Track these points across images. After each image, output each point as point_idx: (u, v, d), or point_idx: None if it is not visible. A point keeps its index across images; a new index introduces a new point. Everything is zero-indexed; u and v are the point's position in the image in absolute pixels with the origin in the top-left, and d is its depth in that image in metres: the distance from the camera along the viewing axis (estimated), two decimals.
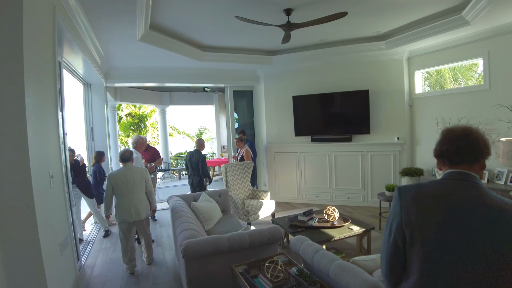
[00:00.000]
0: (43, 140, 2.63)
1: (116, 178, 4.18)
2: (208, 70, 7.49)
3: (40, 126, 2.60)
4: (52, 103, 3.05)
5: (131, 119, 15.73)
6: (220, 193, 5.11)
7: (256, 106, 8.55)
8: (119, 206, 4.18)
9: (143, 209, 4.29)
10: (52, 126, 2.97)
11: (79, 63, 4.75)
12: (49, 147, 2.79)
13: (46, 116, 2.80)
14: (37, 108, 2.53)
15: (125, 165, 4.30)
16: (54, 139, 2.99)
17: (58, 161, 3.02)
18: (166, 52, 5.66)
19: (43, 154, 2.59)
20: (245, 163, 6.27)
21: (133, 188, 4.20)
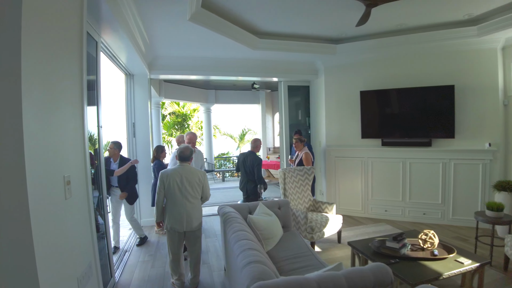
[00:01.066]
0: (52, 136, 1.87)
1: (170, 177, 3.54)
2: (261, 61, 6.64)
3: (49, 118, 1.85)
4: (75, 89, 2.31)
5: (174, 117, 15.41)
6: (280, 204, 4.18)
7: (313, 103, 7.53)
8: (169, 212, 3.56)
9: (196, 218, 3.62)
10: (72, 119, 2.23)
11: (121, 47, 4.06)
12: (64, 145, 2.03)
13: (61, 107, 2.05)
14: (44, 96, 1.78)
15: (182, 165, 3.64)
16: (75, 135, 2.25)
17: (80, 161, 2.27)
18: (218, 37, 4.88)
19: (53, 153, 1.84)
20: (305, 169, 5.29)
21: (188, 192, 3.55)
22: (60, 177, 1.90)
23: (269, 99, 12.30)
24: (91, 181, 2.47)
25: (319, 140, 7.24)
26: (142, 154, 5.91)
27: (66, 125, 2.06)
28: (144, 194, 5.98)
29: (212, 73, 6.53)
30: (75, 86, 2.26)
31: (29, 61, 1.51)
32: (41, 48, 1.71)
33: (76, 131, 2.22)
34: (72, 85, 2.21)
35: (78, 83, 2.31)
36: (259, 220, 3.59)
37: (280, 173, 5.10)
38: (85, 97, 2.42)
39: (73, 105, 2.21)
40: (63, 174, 1.91)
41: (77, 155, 2.19)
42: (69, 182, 1.95)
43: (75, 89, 2.26)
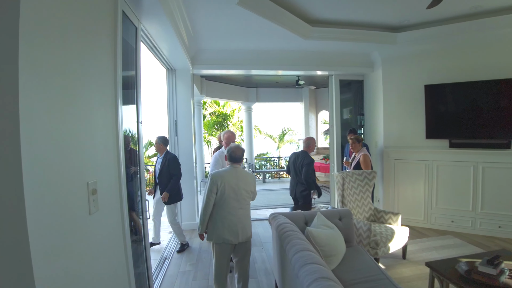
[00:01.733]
0: (71, 135, 1.40)
1: (225, 180, 3.03)
2: (310, 53, 6.05)
3: (68, 115, 1.39)
4: (105, 80, 1.88)
5: (214, 117, 15.22)
6: (340, 214, 3.58)
7: (368, 99, 6.80)
8: (220, 221, 3.03)
9: (249, 226, 3.18)
10: (102, 115, 1.79)
11: (163, 37, 3.67)
12: (89, 145, 1.57)
13: (85, 102, 1.59)
14: (59, 89, 1.33)
15: (234, 167, 3.16)
16: (104, 133, 1.81)
17: (111, 164, 1.84)
18: (267, 25, 4.40)
19: (73, 155, 1.38)
20: (365, 173, 4.64)
21: (243, 198, 3.09)
22: (82, 184, 1.42)
23: (312, 96, 11.65)
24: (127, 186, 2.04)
25: (375, 141, 6.51)
26: (185, 154, 5.57)
27: (93, 122, 1.63)
28: (187, 195, 5.63)
29: (257, 67, 6.02)
30: (106, 76, 1.85)
31: (35, 46, 1.09)
32: (56, 29, 1.30)
33: (107, 129, 1.80)
34: (102, 74, 1.80)
35: (108, 72, 1.89)
36: (319, 234, 3.03)
37: (338, 177, 4.49)
38: (119, 88, 2.00)
39: (103, 99, 1.79)
40: (86, 181, 1.44)
41: (108, 156, 1.76)
42: (94, 191, 1.50)
43: (106, 79, 1.85)
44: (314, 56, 6.12)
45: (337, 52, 6.17)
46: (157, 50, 4.13)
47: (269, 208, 7.30)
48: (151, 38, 3.64)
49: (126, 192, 1.93)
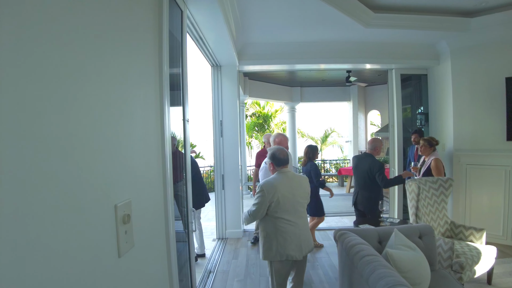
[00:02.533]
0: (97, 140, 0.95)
1: (278, 192, 2.59)
2: (368, 45, 5.43)
3: (99, 116, 0.94)
4: (146, 73, 1.43)
5: (255, 119, 14.88)
6: (421, 231, 2.97)
7: (433, 96, 6.00)
8: (282, 236, 2.62)
9: (311, 237, 2.81)
10: (141, 119, 1.31)
11: (211, 25, 3.27)
12: (116, 149, 1.07)
13: (122, 100, 1.12)
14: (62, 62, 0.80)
15: (284, 172, 2.74)
16: (144, 133, 1.33)
17: (155, 175, 1.38)
18: (326, 10, 3.91)
19: (83, 162, 0.87)
20: (440, 181, 3.94)
21: (301, 206, 2.74)
22: (107, 207, 0.94)
23: (361, 95, 10.85)
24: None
25: (442, 143, 5.70)
26: (230, 156, 5.19)
27: (126, 125, 1.15)
28: (231, 201, 5.25)
29: (308, 61, 5.48)
30: (147, 73, 1.41)
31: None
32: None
33: (147, 133, 1.34)
34: (142, 71, 1.36)
35: (150, 67, 1.46)
36: (401, 256, 2.46)
37: (413, 185, 3.84)
38: (165, 87, 1.56)
39: (144, 100, 1.35)
40: (114, 203, 0.97)
41: (148, 166, 1.29)
42: (127, 218, 1.00)
43: (147, 77, 1.41)
44: (372, 48, 5.49)
45: (398, 43, 5.49)
46: (203, 42, 3.76)
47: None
48: (197, 26, 3.26)
49: (173, 215, 1.48)
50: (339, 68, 6.83)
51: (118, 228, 0.99)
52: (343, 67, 6.60)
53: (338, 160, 14.19)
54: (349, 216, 6.85)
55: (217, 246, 4.94)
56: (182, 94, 2.52)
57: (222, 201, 5.25)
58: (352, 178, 9.44)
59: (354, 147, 11.02)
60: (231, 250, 4.73)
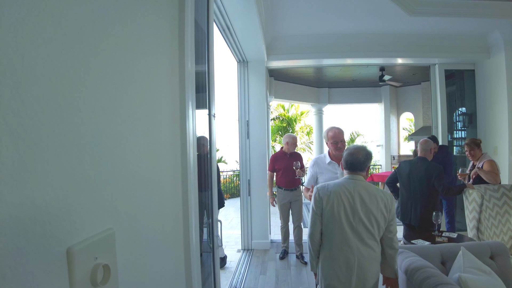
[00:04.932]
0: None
1: (334, 198, 2.03)
2: (410, 36, 4.95)
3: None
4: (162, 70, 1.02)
5: (279, 122, 14.47)
6: (492, 251, 2.45)
7: (481, 94, 5.37)
8: (328, 260, 2.05)
9: (372, 274, 2.00)
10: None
11: (240, 8, 2.88)
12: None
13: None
14: None
15: (352, 177, 2.11)
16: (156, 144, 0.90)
17: (172, 187, 0.94)
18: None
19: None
20: (503, 188, 3.37)
21: (364, 225, 2.00)
22: (53, 256, 0.47)
23: (393, 96, 10.19)
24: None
25: (494, 146, 5.07)
26: (257, 160, 4.78)
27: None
28: (258, 209, 4.84)
29: (342, 55, 5.01)
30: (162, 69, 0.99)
31: None
32: None
33: (157, 131, 0.89)
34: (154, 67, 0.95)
35: (167, 62, 1.03)
36: (476, 284, 1.97)
37: (473, 194, 3.30)
38: (189, 87, 1.13)
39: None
40: (66, 245, 0.48)
41: (156, 178, 0.84)
42: (106, 272, 0.53)
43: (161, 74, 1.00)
44: (413, 41, 4.98)
45: (443, 35, 4.96)
46: (230, 33, 3.39)
47: None
48: (225, 12, 2.89)
49: (199, 252, 1.01)
50: (375, 63, 6.30)
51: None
52: (379, 62, 6.06)
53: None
54: None
55: (242, 258, 4.53)
56: (208, 87, 2.15)
57: (248, 208, 4.84)
58: (385, 186, 8.83)
59: (386, 151, 10.35)
60: (258, 264, 4.30)
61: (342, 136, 3.07)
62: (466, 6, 4.14)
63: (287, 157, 4.38)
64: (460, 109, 5.80)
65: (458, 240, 3.08)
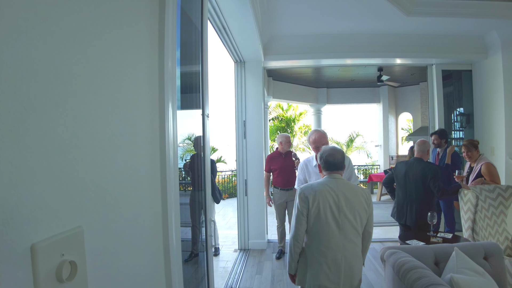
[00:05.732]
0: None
1: (320, 197, 2.06)
2: (407, 37, 4.95)
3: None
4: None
5: (278, 122, 14.47)
6: (486, 251, 2.45)
7: (478, 94, 5.38)
8: (316, 259, 2.07)
9: (358, 270, 2.10)
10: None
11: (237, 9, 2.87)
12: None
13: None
14: None
15: (333, 177, 2.16)
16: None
17: (147, 180, 0.94)
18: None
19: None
20: (498, 189, 3.38)
21: (349, 223, 2.06)
22: (15, 254, 0.47)
23: (392, 96, 10.21)
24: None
25: (491, 146, 5.08)
26: (254, 160, 4.79)
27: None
28: (254, 209, 4.84)
29: (340, 55, 5.01)
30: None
31: None
32: None
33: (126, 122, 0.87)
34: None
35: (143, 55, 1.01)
36: (469, 284, 1.98)
37: (468, 195, 3.30)
38: (168, 82, 1.12)
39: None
40: (30, 242, 0.49)
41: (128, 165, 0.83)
42: (72, 269, 0.53)
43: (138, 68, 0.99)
44: (410, 41, 4.98)
45: (440, 35, 4.96)
46: (226, 33, 3.40)
47: None
48: (220, 12, 2.89)
49: (179, 254, 1.00)
50: (373, 64, 6.31)
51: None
52: (377, 63, 6.07)
53: (366, 165, 13.49)
54: (382, 226, 6.28)
55: (238, 258, 4.53)
56: (202, 87, 2.15)
57: (245, 208, 4.84)
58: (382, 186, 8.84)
59: (385, 152, 10.36)
60: (255, 264, 4.30)
61: (324, 140, 3.09)
62: (463, 6, 4.15)
63: (283, 157, 4.39)
64: (458, 110, 5.81)
65: (453, 240, 3.09)
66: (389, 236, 5.42)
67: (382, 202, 8.84)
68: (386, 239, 5.24)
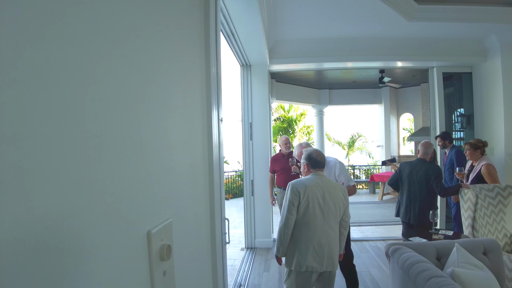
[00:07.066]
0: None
1: (309, 191, 2.43)
2: (408, 40, 5.07)
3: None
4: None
5: (280, 123, 14.60)
6: (485, 247, 2.58)
7: (478, 96, 5.51)
8: (303, 243, 2.41)
9: (337, 253, 2.52)
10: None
11: (244, 16, 3.01)
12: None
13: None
14: None
15: (318, 174, 2.56)
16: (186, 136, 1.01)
17: (203, 183, 1.10)
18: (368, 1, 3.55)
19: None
20: (497, 188, 3.50)
21: (332, 213, 2.47)
22: (137, 237, 0.62)
23: (393, 97, 10.34)
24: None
25: (491, 147, 5.19)
26: (260, 161, 4.92)
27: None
28: (261, 209, 4.97)
29: (342, 59, 5.15)
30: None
31: None
32: None
33: (193, 134, 1.04)
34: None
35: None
36: (468, 277, 2.11)
37: (468, 194, 3.44)
38: (214, 85, 1.26)
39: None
40: (146, 229, 0.65)
41: (193, 176, 0.99)
42: (167, 251, 0.67)
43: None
44: (412, 45, 5.10)
45: (441, 39, 5.07)
46: (234, 38, 3.53)
47: (353, 226, 6.32)
48: (229, 19, 3.02)
49: (225, 244, 1.17)
50: (375, 67, 6.44)
51: (152, 270, 0.65)
52: (379, 66, 6.22)
53: (368, 166, 13.62)
54: (385, 225, 6.41)
55: (246, 256, 4.66)
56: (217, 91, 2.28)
57: (251, 208, 4.98)
58: (386, 185, 8.96)
59: (386, 152, 10.48)
60: (262, 262, 4.44)
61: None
62: (463, 12, 4.26)
63: (285, 158, 4.56)
64: (458, 111, 5.94)
65: (453, 237, 3.22)
66: (392, 234, 5.56)
67: (384, 202, 8.97)
68: (389, 238, 5.37)
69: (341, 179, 3.13)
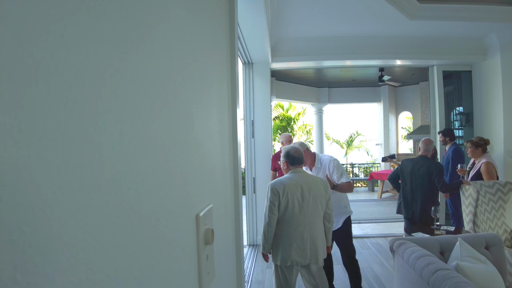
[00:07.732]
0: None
1: (288, 190, 2.51)
2: (409, 39, 5.11)
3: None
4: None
5: (278, 122, 14.64)
6: (487, 242, 2.63)
7: (478, 94, 5.56)
8: (286, 239, 2.52)
9: (322, 246, 2.61)
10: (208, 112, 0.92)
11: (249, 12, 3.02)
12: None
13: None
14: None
15: (297, 171, 2.63)
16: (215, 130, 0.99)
17: (230, 175, 1.15)
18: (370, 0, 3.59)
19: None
20: (497, 184, 3.56)
21: (311, 209, 2.55)
22: (188, 219, 0.65)
23: (392, 96, 10.39)
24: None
25: (490, 144, 5.25)
26: (262, 158, 4.95)
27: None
28: (263, 206, 4.99)
29: (343, 57, 5.19)
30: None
31: None
32: None
33: (223, 127, 1.07)
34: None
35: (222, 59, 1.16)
36: (473, 271, 2.15)
37: (469, 190, 3.49)
38: (237, 84, 1.30)
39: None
40: (195, 212, 0.68)
41: (223, 167, 1.04)
42: (211, 235, 0.71)
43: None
44: (412, 43, 5.14)
45: (441, 38, 5.12)
46: (238, 36, 3.54)
47: (353, 223, 6.36)
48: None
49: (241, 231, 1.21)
50: (375, 65, 6.48)
51: (200, 253, 0.67)
52: (380, 64, 6.25)
53: (367, 164, 13.69)
54: (385, 222, 6.47)
55: (248, 253, 4.70)
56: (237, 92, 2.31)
57: (253, 205, 5.02)
58: (384, 183, 9.02)
59: (385, 150, 10.54)
60: None
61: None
62: (464, 11, 4.31)
63: None
64: (458, 109, 6.00)
65: (455, 233, 3.27)
66: (392, 231, 5.60)
67: (383, 200, 9.03)
68: (389, 234, 5.42)
69: (334, 178, 3.12)
